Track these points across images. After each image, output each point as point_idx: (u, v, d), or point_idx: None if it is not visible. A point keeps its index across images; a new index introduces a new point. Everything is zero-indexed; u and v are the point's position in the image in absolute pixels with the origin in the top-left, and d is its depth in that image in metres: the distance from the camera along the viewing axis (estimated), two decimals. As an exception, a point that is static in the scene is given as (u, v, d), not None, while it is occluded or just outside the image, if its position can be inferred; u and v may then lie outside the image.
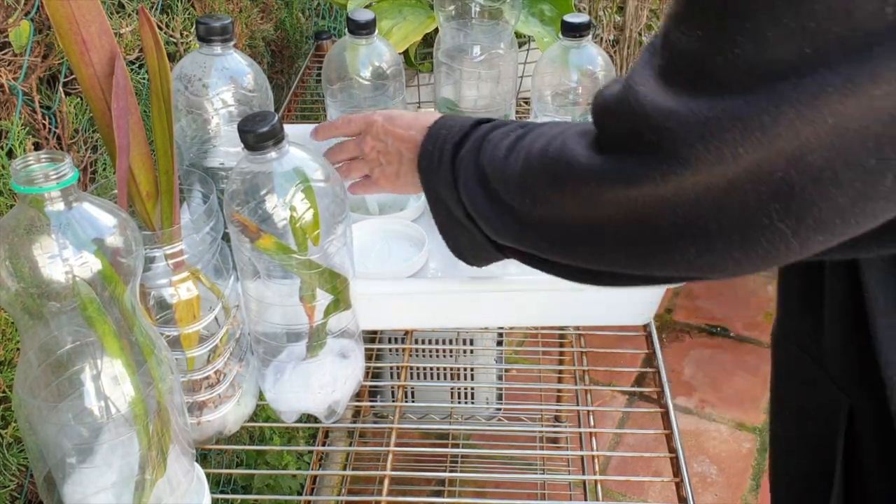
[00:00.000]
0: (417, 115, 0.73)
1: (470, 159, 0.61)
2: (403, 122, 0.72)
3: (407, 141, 0.71)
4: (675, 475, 0.70)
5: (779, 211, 0.39)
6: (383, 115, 0.75)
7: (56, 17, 0.53)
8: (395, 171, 0.73)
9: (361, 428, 1.70)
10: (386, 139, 0.73)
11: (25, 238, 0.47)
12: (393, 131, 0.72)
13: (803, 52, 0.35)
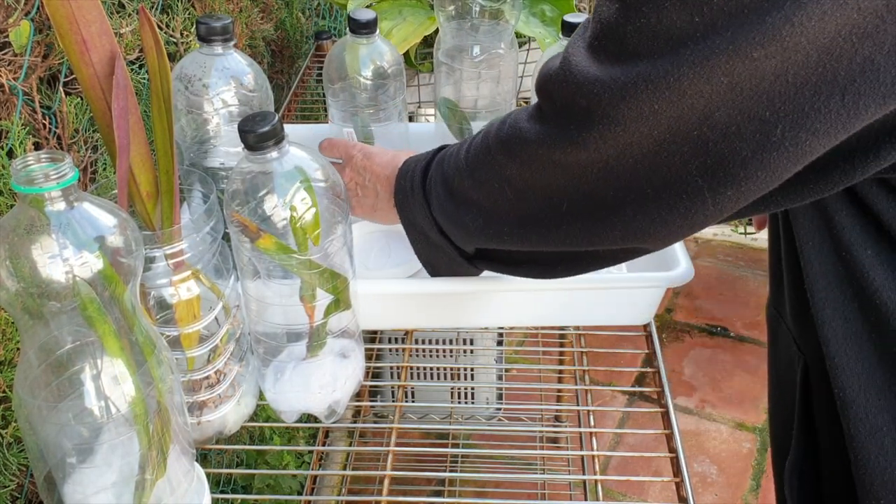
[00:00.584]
0: (394, 155, 0.77)
1: (437, 175, 0.66)
2: (381, 161, 0.76)
3: (382, 179, 0.75)
4: (675, 475, 0.70)
5: (698, 167, 0.45)
6: (363, 151, 0.79)
7: (56, 17, 0.53)
8: (372, 204, 0.76)
9: (361, 428, 1.70)
10: (364, 174, 0.77)
11: (25, 238, 0.47)
12: (371, 168, 0.76)
13: (694, 20, 0.41)
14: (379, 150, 0.79)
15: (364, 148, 0.80)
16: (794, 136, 0.42)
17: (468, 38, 0.93)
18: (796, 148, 0.42)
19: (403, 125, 0.98)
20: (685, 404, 1.97)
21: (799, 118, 0.41)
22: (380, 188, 0.75)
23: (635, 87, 0.43)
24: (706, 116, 0.42)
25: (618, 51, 0.44)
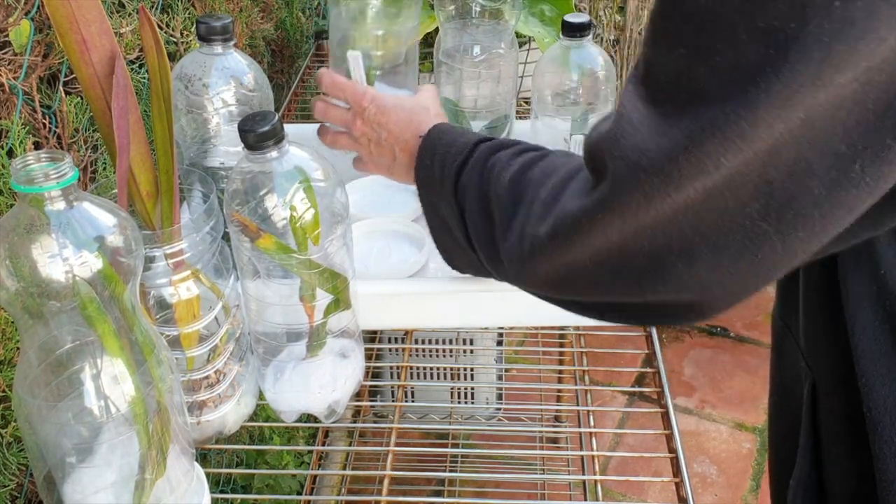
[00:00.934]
0: (411, 113, 0.71)
1: (474, 188, 0.60)
2: (398, 120, 0.71)
3: (401, 142, 0.71)
4: (675, 475, 0.70)
5: (759, 210, 0.40)
6: (376, 102, 0.73)
7: (56, 17, 0.53)
8: (388, 165, 0.73)
9: (361, 428, 1.70)
10: (379, 131, 0.72)
11: (25, 237, 0.47)
12: (386, 125, 0.72)
13: (769, 52, 0.36)
14: (393, 104, 0.73)
15: (376, 98, 0.73)
16: (876, 170, 0.37)
17: (468, 38, 0.93)
18: (877, 182, 0.38)
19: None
20: (685, 404, 1.97)
21: (881, 150, 0.37)
22: (398, 151, 0.71)
23: (701, 138, 0.38)
24: (772, 156, 0.38)
25: (686, 98, 0.39)
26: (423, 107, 0.73)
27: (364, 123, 0.73)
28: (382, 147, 0.72)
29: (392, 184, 1.02)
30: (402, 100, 0.74)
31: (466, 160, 0.62)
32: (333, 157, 0.68)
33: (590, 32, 0.86)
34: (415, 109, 0.72)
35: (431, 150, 0.66)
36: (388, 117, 0.72)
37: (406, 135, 0.70)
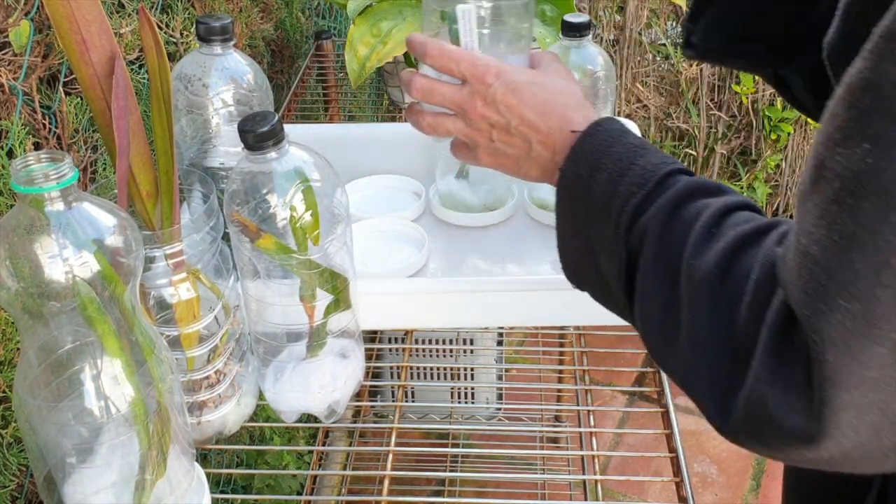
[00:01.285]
0: (553, 95, 0.58)
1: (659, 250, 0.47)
2: (535, 103, 0.57)
3: (542, 134, 0.57)
4: (675, 475, 0.70)
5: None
6: (506, 78, 0.58)
7: (56, 17, 0.53)
8: (516, 158, 0.60)
9: (361, 428, 1.70)
10: (508, 116, 0.58)
11: (25, 238, 0.47)
12: (520, 110, 0.57)
13: None
14: (527, 81, 0.58)
15: (503, 72, 0.58)
16: None
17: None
18: None
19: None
20: (685, 404, 1.95)
21: None
22: (537, 144, 0.58)
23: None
24: None
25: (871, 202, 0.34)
26: (566, 88, 0.60)
27: (487, 105, 0.59)
28: (513, 138, 0.59)
29: (392, 184, 1.03)
30: (536, 75, 0.60)
31: (652, 197, 0.49)
32: (333, 156, 0.68)
33: (589, 32, 0.86)
34: (557, 91, 0.59)
35: (594, 160, 0.53)
36: (522, 98, 0.58)
37: (549, 124, 0.57)
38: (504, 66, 0.59)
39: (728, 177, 2.59)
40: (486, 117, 0.59)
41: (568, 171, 0.54)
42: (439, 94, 0.61)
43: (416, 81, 0.62)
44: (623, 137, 0.54)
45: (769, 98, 2.44)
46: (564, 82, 0.60)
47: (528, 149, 0.58)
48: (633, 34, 2.45)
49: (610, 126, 0.55)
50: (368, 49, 1.13)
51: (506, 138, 0.59)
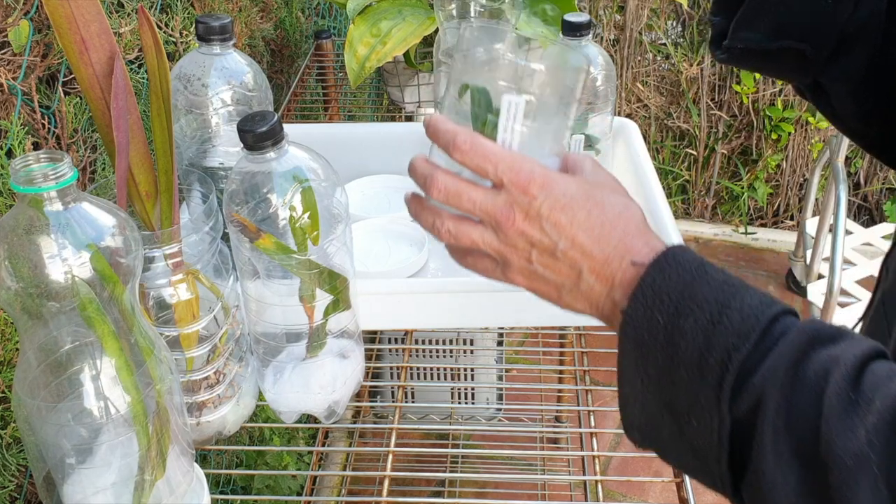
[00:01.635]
0: (613, 215, 0.48)
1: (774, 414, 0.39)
2: (591, 225, 0.48)
3: (597, 263, 0.48)
4: (675, 475, 0.70)
5: None
6: (554, 190, 0.48)
7: (55, 17, 0.53)
8: (557, 290, 0.50)
9: (361, 428, 1.70)
10: (556, 237, 0.48)
11: (25, 238, 0.47)
12: (571, 233, 0.48)
13: None
14: (577, 195, 0.49)
15: (550, 183, 0.48)
16: None
17: (468, 38, 0.93)
18: None
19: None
20: (685, 404, 1.96)
21: None
22: (588, 273, 0.48)
23: None
24: None
25: None
26: (625, 208, 0.50)
27: (529, 220, 0.49)
28: (557, 261, 0.49)
29: (392, 184, 1.02)
30: (590, 191, 0.49)
31: (761, 351, 0.41)
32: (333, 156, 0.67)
33: (590, 32, 0.86)
34: (615, 212, 0.49)
35: (673, 303, 0.44)
36: (574, 218, 0.48)
37: (606, 252, 0.47)
38: (550, 174, 0.49)
39: (728, 176, 2.59)
40: (527, 235, 0.49)
41: (636, 315, 0.45)
42: (468, 199, 0.50)
43: (438, 179, 0.51)
44: (704, 271, 0.45)
45: (770, 98, 2.43)
46: (622, 199, 0.50)
47: (575, 278, 0.49)
48: (633, 34, 2.45)
49: (683, 257, 0.45)
50: (368, 49, 1.13)
51: (548, 262, 0.49)
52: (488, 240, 0.51)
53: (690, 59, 2.46)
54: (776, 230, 2.59)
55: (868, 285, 2.05)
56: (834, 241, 1.80)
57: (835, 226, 1.82)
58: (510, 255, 0.50)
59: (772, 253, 2.48)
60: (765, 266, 2.42)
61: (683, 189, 2.63)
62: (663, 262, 0.46)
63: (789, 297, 2.29)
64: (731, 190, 2.58)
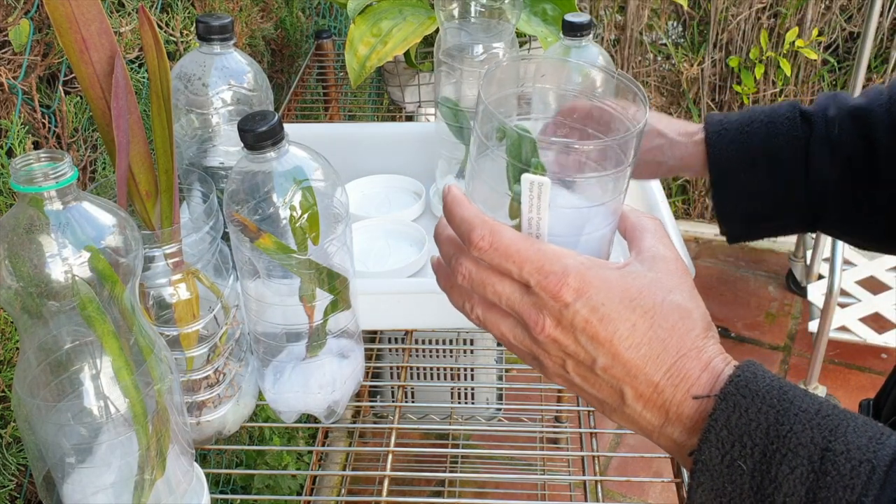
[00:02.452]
0: (665, 328, 0.41)
1: None
2: (636, 344, 0.40)
3: (646, 389, 0.40)
4: (675, 476, 0.70)
5: None
6: (591, 298, 0.40)
7: (55, 16, 0.53)
8: (600, 405, 0.44)
9: (361, 428, 1.70)
10: (594, 352, 0.41)
11: (25, 237, 0.47)
12: (613, 350, 0.40)
13: None
14: (625, 301, 0.40)
15: (587, 286, 0.40)
16: None
17: (468, 38, 0.93)
18: None
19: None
20: (685, 405, 1.96)
21: None
22: (634, 399, 0.41)
23: None
24: None
25: None
26: (681, 315, 0.41)
27: (561, 329, 0.41)
28: (597, 377, 0.42)
29: (392, 184, 1.03)
30: (638, 294, 0.41)
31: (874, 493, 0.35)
32: (333, 156, 0.67)
33: (590, 32, 0.86)
34: (668, 324, 0.41)
35: (758, 447, 0.37)
36: (616, 333, 0.40)
37: (654, 378, 0.40)
38: (587, 275, 0.40)
39: (728, 177, 2.59)
40: (560, 344, 0.42)
41: (711, 462, 0.38)
42: (493, 292, 0.43)
43: (462, 266, 0.44)
44: (787, 400, 0.37)
45: (770, 98, 2.43)
46: (676, 302, 0.41)
47: (619, 401, 0.42)
48: (634, 34, 2.45)
49: (758, 385, 0.38)
50: (368, 48, 1.13)
51: (587, 375, 0.42)
52: (519, 336, 0.44)
53: (691, 60, 2.46)
54: (776, 230, 2.59)
55: (868, 286, 2.05)
56: (834, 242, 1.80)
57: (835, 226, 1.82)
58: (543, 358, 0.44)
59: (772, 253, 2.48)
60: (765, 266, 2.42)
61: (683, 189, 2.63)
62: (736, 396, 0.38)
63: (790, 298, 2.29)
64: (731, 190, 2.58)
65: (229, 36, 0.73)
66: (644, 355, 0.40)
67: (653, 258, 0.44)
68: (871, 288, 2.04)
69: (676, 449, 0.41)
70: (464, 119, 0.93)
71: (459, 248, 0.45)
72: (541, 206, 0.42)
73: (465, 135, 0.93)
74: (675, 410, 0.40)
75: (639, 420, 0.42)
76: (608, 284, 0.41)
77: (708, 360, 0.41)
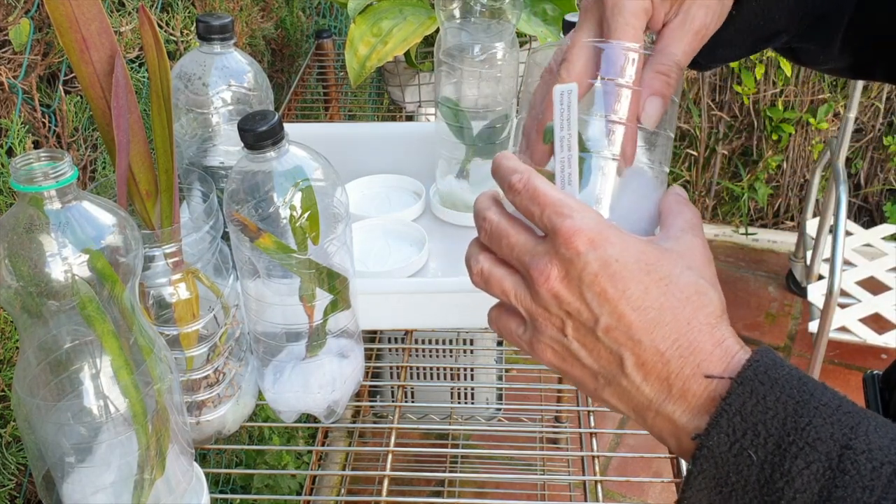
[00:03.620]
0: (680, 299, 0.38)
1: None
2: (646, 306, 0.38)
3: (646, 355, 0.38)
4: (675, 476, 0.70)
5: None
6: (605, 250, 0.39)
7: (56, 16, 0.53)
8: (592, 378, 0.41)
9: (361, 428, 1.70)
10: (598, 310, 0.39)
11: (25, 237, 0.47)
12: (619, 309, 0.38)
13: None
14: (642, 262, 0.39)
15: (604, 239, 0.39)
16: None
17: (469, 37, 0.93)
18: None
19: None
20: (685, 405, 1.96)
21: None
22: (634, 369, 0.39)
23: None
24: None
25: None
26: (698, 289, 0.40)
27: (567, 281, 0.39)
28: (598, 341, 0.40)
29: (392, 184, 1.03)
30: (658, 258, 0.40)
31: (893, 496, 0.33)
32: (333, 156, 0.67)
33: (590, 32, 0.85)
34: (683, 295, 0.39)
35: (774, 437, 0.35)
36: (625, 291, 0.39)
37: (661, 346, 0.38)
38: (607, 229, 0.39)
39: (729, 177, 2.59)
40: (562, 300, 0.39)
41: (718, 448, 0.36)
42: (507, 243, 0.42)
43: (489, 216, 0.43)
44: (807, 392, 0.35)
45: (770, 98, 2.43)
46: (694, 279, 0.40)
47: (616, 369, 0.39)
48: (633, 34, 2.45)
49: (777, 372, 0.36)
50: (369, 48, 1.13)
51: (585, 339, 0.40)
52: (521, 294, 0.41)
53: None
54: (776, 231, 2.59)
55: (868, 286, 2.05)
56: (834, 242, 1.80)
57: (835, 227, 1.82)
58: (541, 320, 0.41)
59: (772, 254, 2.48)
60: (765, 267, 2.42)
61: (684, 189, 2.63)
62: (754, 381, 0.36)
63: (790, 298, 2.29)
64: (731, 190, 2.58)
65: (229, 35, 0.73)
66: (652, 319, 0.38)
67: (678, 238, 0.42)
68: (871, 288, 2.04)
69: (674, 431, 0.38)
70: (464, 119, 0.93)
71: (493, 203, 0.43)
72: (571, 120, 0.41)
73: (465, 135, 0.93)
74: (679, 386, 0.38)
75: (635, 395, 0.39)
76: (626, 244, 0.39)
77: (721, 338, 0.38)
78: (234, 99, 0.74)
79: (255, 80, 0.76)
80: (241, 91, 0.75)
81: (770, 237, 2.54)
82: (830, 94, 2.37)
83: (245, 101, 0.75)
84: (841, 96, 2.35)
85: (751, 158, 2.54)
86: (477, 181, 0.94)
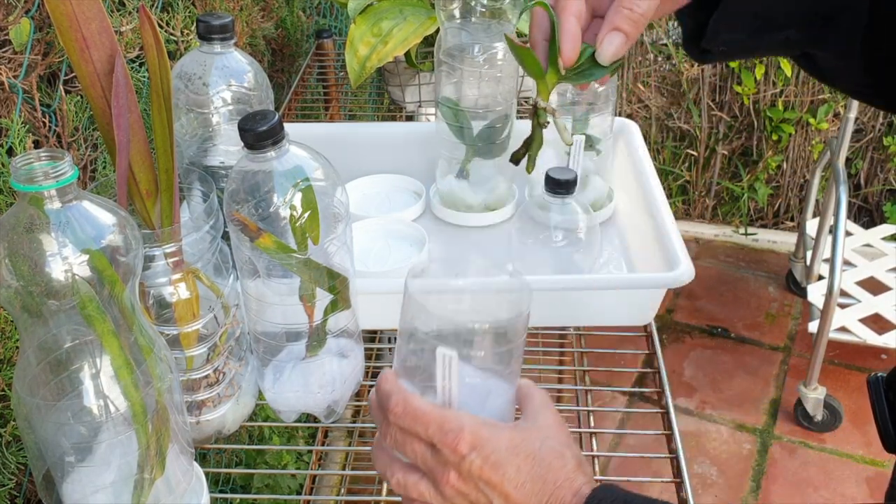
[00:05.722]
0: (543, 467, 0.50)
1: None
2: (521, 479, 0.49)
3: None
4: (675, 476, 0.70)
5: None
6: (483, 449, 0.49)
7: (56, 15, 0.53)
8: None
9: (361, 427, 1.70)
10: (490, 495, 0.49)
11: (25, 236, 0.47)
12: (501, 487, 0.49)
13: None
14: (509, 448, 0.50)
15: (480, 441, 0.49)
16: None
17: (469, 38, 0.93)
18: None
19: None
20: (685, 405, 1.96)
21: None
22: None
23: None
24: None
25: None
26: (556, 456, 0.52)
27: (463, 479, 0.49)
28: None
29: (392, 184, 1.03)
30: (521, 442, 0.51)
31: None
32: (333, 156, 0.67)
33: (591, 32, 0.85)
34: (545, 463, 0.51)
35: None
36: (505, 475, 0.49)
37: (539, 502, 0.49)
38: (480, 431, 0.50)
39: (729, 177, 2.59)
40: (463, 493, 0.50)
41: None
42: (411, 451, 0.51)
43: (390, 428, 0.52)
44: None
45: (771, 99, 2.43)
46: (554, 447, 0.52)
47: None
48: (634, 34, 2.45)
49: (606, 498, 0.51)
50: (369, 48, 1.13)
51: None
52: (432, 494, 0.51)
53: (691, 60, 2.46)
54: (776, 231, 2.59)
55: (868, 286, 2.05)
56: (834, 243, 1.80)
57: (835, 227, 1.82)
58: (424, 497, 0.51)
59: (772, 254, 2.48)
60: (765, 267, 2.42)
61: (684, 190, 2.63)
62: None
63: (790, 298, 2.29)
64: (731, 191, 2.58)
65: (230, 35, 0.73)
66: (528, 491, 0.49)
67: (535, 416, 0.53)
68: (871, 289, 2.04)
69: None
70: (464, 119, 0.93)
71: (388, 416, 0.52)
72: (451, 376, 0.50)
73: (466, 135, 0.93)
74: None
75: None
76: (497, 436, 0.50)
77: (577, 488, 0.50)
78: (234, 99, 0.74)
79: (255, 79, 0.76)
80: (241, 91, 0.75)
81: (770, 237, 2.54)
82: (830, 95, 2.37)
83: (245, 101, 0.75)
84: (841, 97, 2.35)
85: (751, 158, 2.54)
86: (477, 181, 0.94)
